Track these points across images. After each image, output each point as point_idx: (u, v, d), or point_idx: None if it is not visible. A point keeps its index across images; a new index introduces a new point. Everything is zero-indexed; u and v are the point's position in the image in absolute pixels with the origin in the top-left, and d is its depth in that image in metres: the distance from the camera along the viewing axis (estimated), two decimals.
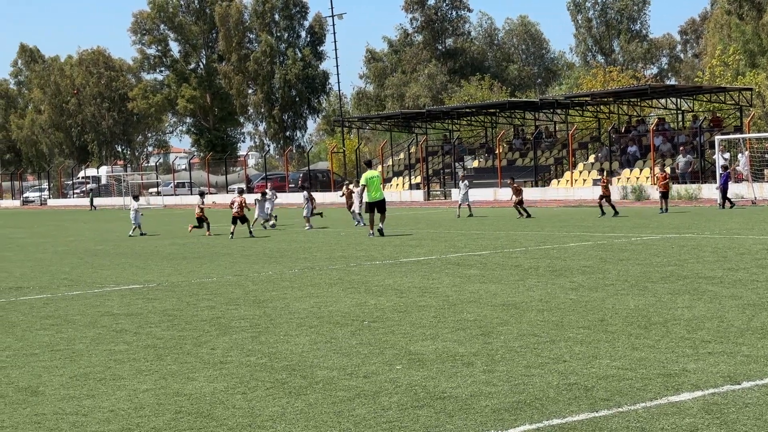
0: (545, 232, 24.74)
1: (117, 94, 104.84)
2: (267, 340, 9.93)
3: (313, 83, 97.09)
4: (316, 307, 12.13)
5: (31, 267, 19.87)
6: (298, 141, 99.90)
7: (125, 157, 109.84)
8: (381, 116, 69.79)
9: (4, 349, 10.05)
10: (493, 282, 14.04)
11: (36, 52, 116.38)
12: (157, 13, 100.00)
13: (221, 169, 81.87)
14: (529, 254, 18.37)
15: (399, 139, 74.07)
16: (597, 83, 68.35)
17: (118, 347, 9.87)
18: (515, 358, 8.50)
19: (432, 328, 10.20)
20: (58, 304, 13.46)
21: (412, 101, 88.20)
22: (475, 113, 63.14)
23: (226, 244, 24.52)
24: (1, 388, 8.21)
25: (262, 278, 15.93)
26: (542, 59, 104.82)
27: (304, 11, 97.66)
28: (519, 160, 57.87)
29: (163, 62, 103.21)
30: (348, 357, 8.87)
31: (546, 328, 9.91)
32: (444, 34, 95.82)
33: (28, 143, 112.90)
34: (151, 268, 18.69)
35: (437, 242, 22.47)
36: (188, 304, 12.96)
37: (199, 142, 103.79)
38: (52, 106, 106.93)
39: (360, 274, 15.87)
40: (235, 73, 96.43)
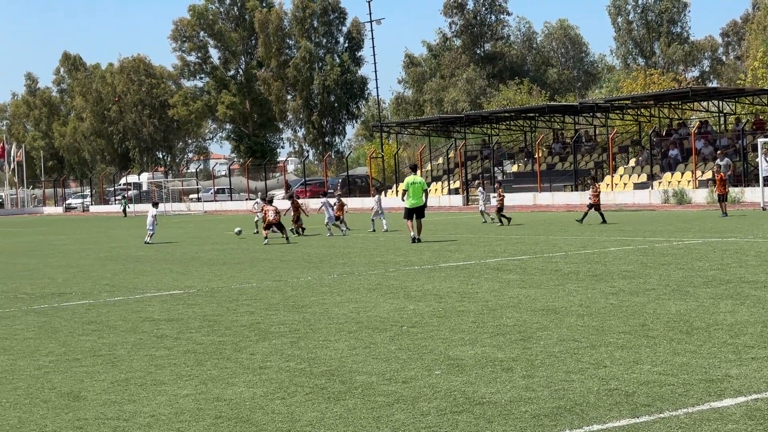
0: (585, 236, 24.59)
1: (158, 101, 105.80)
2: (306, 345, 9.95)
3: (352, 88, 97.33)
4: (355, 313, 12.13)
5: (74, 273, 20.07)
6: (336, 146, 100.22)
7: (166, 163, 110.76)
8: (419, 121, 69.76)
9: (47, 354, 10.16)
10: (533, 287, 13.97)
11: (78, 60, 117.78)
12: (197, 21, 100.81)
13: (261, 174, 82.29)
14: (568, 259, 18.26)
15: (437, 144, 74.00)
16: (637, 86, 67.87)
17: (158, 352, 9.93)
18: (555, 364, 8.45)
19: (471, 333, 10.17)
20: (100, 310, 13.58)
21: (450, 106, 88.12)
22: (514, 117, 62.93)
23: (265, 250, 24.62)
24: (44, 392, 8.30)
25: (301, 284, 15.97)
26: (582, 63, 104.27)
27: (342, 17, 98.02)
28: (558, 165, 57.58)
29: (203, 69, 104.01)
30: (387, 362, 8.86)
31: (586, 333, 9.84)
32: (483, 38, 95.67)
33: (70, 150, 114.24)
34: (192, 273, 18.81)
35: (476, 247, 22.41)
36: (228, 309, 13.02)
37: (239, 148, 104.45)
38: (94, 114, 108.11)
39: (399, 279, 15.86)
40: (275, 79, 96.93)
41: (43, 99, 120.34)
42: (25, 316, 13.33)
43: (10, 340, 11.22)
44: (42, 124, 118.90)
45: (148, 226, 30.03)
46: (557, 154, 59.21)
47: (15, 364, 9.67)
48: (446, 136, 69.67)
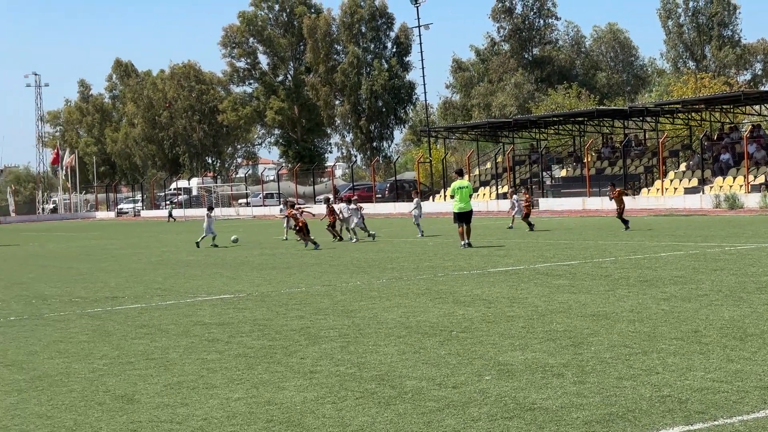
0: (635, 241, 24.38)
1: (207, 107, 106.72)
2: (356, 350, 9.99)
3: (400, 93, 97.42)
4: (404, 317, 12.15)
5: (126, 277, 20.31)
6: (384, 151, 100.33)
7: (215, 168, 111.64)
8: (467, 126, 69.63)
9: (101, 357, 10.30)
10: (583, 292, 13.89)
11: (130, 66, 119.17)
12: (246, 27, 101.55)
13: (309, 179, 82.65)
14: (619, 264, 18.12)
15: (485, 148, 73.81)
16: (688, 90, 67.16)
17: (210, 356, 10.02)
18: (606, 370, 8.40)
19: (521, 339, 10.14)
20: (152, 314, 13.74)
21: (498, 110, 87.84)
22: (563, 122, 62.58)
23: (315, 255, 24.73)
24: (98, 395, 8.42)
25: (350, 288, 16.02)
26: (631, 66, 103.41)
27: (390, 22, 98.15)
28: (608, 169, 57.16)
29: (252, 75, 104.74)
30: (437, 367, 8.87)
31: (638, 339, 9.76)
32: (531, 42, 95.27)
33: (122, 156, 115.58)
34: (242, 278, 18.95)
35: (525, 252, 22.32)
36: (278, 313, 13.10)
37: (287, 153, 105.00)
38: (145, 120, 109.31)
39: (447, 284, 15.85)
40: (323, 84, 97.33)
41: (96, 105, 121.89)
42: (80, 319, 13.53)
43: (65, 343, 11.39)
44: (94, 130, 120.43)
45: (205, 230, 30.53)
46: (606, 158, 58.77)
47: (70, 366, 9.82)
48: (494, 140, 69.47)
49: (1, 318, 14.07)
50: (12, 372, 9.68)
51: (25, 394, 8.63)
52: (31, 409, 8.02)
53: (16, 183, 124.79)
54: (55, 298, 16.62)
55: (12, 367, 9.97)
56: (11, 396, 8.56)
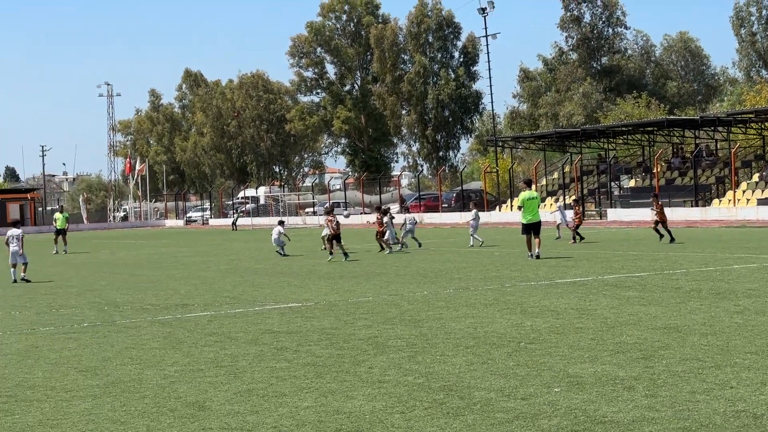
0: (706, 253, 24.01)
1: (275, 116, 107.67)
2: (424, 359, 9.98)
3: (466, 103, 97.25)
4: (472, 328, 12.12)
5: (196, 285, 20.56)
6: (450, 161, 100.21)
7: (282, 177, 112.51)
8: (534, 135, 69.23)
9: (172, 364, 10.44)
10: (653, 304, 13.71)
11: (199, 76, 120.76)
12: (314, 37, 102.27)
13: (375, 189, 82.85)
14: (690, 276, 17.86)
15: (553, 158, 73.32)
16: (761, 99, 65.99)
17: (279, 364, 10.10)
18: (678, 383, 8.28)
19: (590, 351, 10.04)
20: (222, 322, 13.89)
21: (566, 120, 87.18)
22: (632, 132, 61.88)
23: (381, 264, 24.76)
24: (170, 402, 8.53)
25: (417, 298, 16.03)
26: (702, 75, 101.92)
27: (457, 32, 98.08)
28: (678, 179, 56.39)
29: (319, 84, 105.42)
30: (505, 378, 8.83)
31: (710, 353, 9.61)
32: (600, 51, 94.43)
33: (191, 165, 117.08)
34: (309, 287, 19.06)
35: (593, 263, 22.11)
36: (346, 323, 13.15)
37: (354, 163, 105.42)
38: (213, 129, 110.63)
39: (515, 295, 15.77)
40: (389, 93, 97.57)
41: (166, 115, 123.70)
42: (151, 326, 13.73)
43: (137, 349, 11.57)
44: (164, 139, 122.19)
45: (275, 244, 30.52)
46: (676, 168, 57.99)
47: (142, 373, 9.97)
48: (561, 150, 68.96)
49: (75, 324, 14.34)
50: (86, 378, 9.86)
51: (99, 399, 8.78)
52: (105, 415, 8.16)
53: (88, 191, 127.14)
54: (127, 305, 16.89)
55: (86, 372, 10.16)
56: (86, 401, 8.72)
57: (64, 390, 9.25)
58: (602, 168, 62.11)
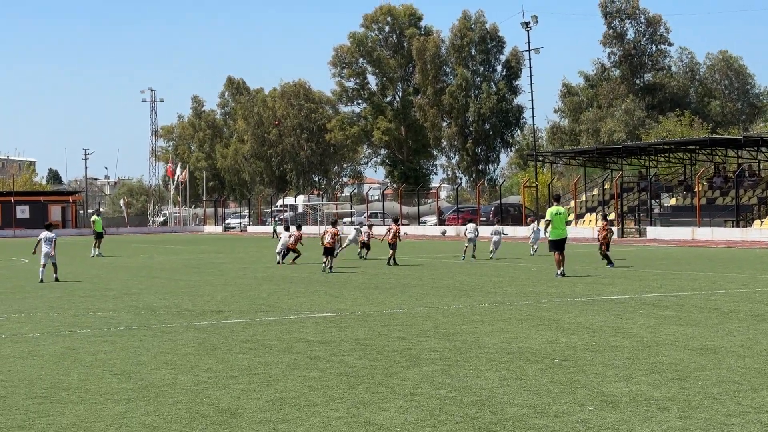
0: (747, 274, 23.75)
1: (315, 126, 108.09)
2: (457, 373, 9.96)
3: (507, 117, 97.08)
4: (506, 343, 12.07)
5: (232, 291, 20.65)
6: (490, 174, 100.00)
7: (321, 186, 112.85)
8: (575, 151, 68.87)
9: (206, 370, 10.49)
10: (690, 324, 13.58)
11: (242, 84, 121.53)
12: (356, 48, 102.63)
13: (413, 200, 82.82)
14: (729, 297, 17.67)
15: (593, 174, 72.91)
16: None
17: (312, 374, 10.12)
18: (714, 405, 8.19)
19: (625, 370, 9.96)
20: (256, 329, 13.93)
21: (607, 136, 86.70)
22: (674, 150, 61.39)
23: (418, 276, 24.74)
24: (203, 408, 8.57)
25: (452, 311, 15.99)
26: (747, 95, 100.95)
27: (500, 45, 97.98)
28: (719, 199, 55.84)
29: (360, 95, 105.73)
30: (538, 395, 8.78)
31: (747, 376, 9.50)
32: (642, 68, 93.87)
33: (231, 172, 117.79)
34: (344, 296, 19.08)
35: (631, 281, 21.94)
36: (380, 334, 13.15)
37: (393, 174, 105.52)
38: (254, 137, 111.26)
39: (551, 311, 15.69)
40: (430, 106, 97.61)
41: (208, 121, 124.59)
42: (186, 331, 13.81)
43: (172, 354, 11.64)
44: (206, 146, 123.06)
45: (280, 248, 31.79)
46: (718, 188, 57.43)
47: (176, 378, 10.03)
48: (602, 166, 68.57)
49: (112, 327, 14.46)
50: (120, 381, 9.93)
51: (133, 403, 8.84)
52: (138, 419, 8.21)
53: (129, 195, 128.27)
54: (163, 309, 17.01)
55: (121, 376, 10.23)
56: (119, 405, 8.79)
57: (99, 393, 9.33)
58: (643, 185, 61.66)
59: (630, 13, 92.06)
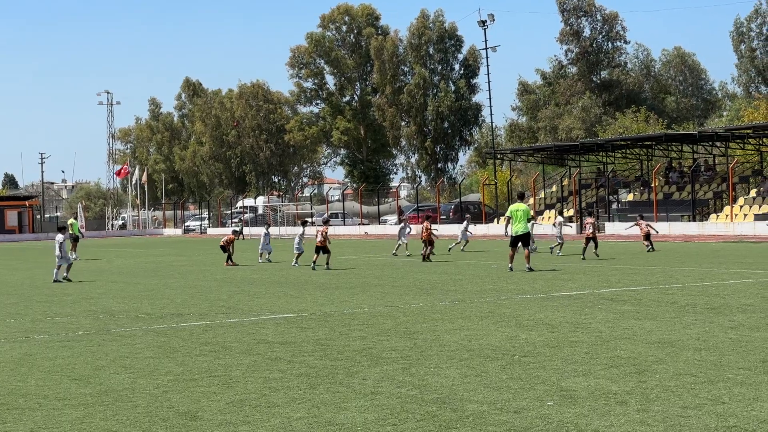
0: (703, 268, 24.03)
1: (274, 126, 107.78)
2: (417, 371, 9.98)
3: (466, 115, 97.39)
4: (467, 340, 12.11)
5: (192, 294, 20.55)
6: (449, 173, 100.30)
7: (281, 187, 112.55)
8: (533, 148, 69.33)
9: (165, 373, 10.43)
10: (648, 318, 13.72)
11: (198, 86, 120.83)
12: (314, 48, 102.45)
13: (374, 200, 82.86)
14: (686, 291, 17.87)
15: (551, 171, 73.40)
16: (759, 115, 66.13)
17: (272, 375, 10.10)
18: (671, 398, 8.29)
19: (584, 365, 10.05)
20: (216, 331, 13.88)
21: (565, 133, 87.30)
22: (630, 146, 61.98)
23: (378, 275, 24.77)
24: (162, 411, 8.53)
25: (412, 310, 16.02)
26: (701, 90, 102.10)
27: (458, 44, 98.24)
28: (675, 194, 56.44)
29: (318, 95, 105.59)
30: (498, 391, 8.83)
31: (704, 368, 9.62)
32: (599, 65, 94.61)
33: (190, 174, 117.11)
34: (305, 297, 19.06)
35: (590, 276, 22.12)
36: (340, 333, 13.15)
37: (353, 174, 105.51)
38: (212, 138, 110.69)
39: (511, 308, 15.77)
40: (389, 105, 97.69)
41: (165, 123, 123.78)
42: (146, 335, 13.72)
43: (131, 358, 11.56)
44: (164, 148, 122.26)
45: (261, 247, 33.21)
46: (674, 183, 58.04)
47: (135, 382, 9.96)
48: (560, 163, 69.06)
49: (70, 332, 14.33)
50: (79, 386, 9.85)
51: (91, 408, 8.77)
52: (96, 424, 8.15)
53: (87, 199, 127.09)
54: (122, 313, 16.88)
55: (79, 381, 10.15)
56: (78, 410, 8.71)
57: (57, 398, 9.25)
58: (600, 182, 62.19)
59: (587, 10, 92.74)
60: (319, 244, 27.97)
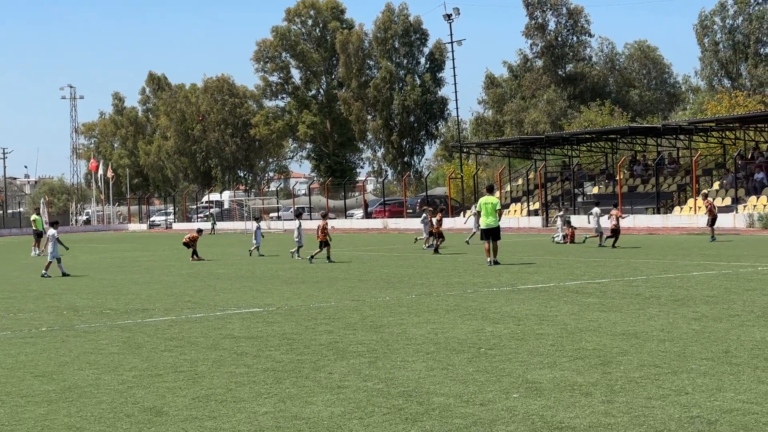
0: (667, 260, 24.22)
1: (240, 121, 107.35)
2: (384, 365, 9.98)
3: (432, 109, 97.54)
4: (433, 334, 12.13)
5: (157, 289, 20.42)
6: (415, 166, 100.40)
7: (247, 182, 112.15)
8: (499, 142, 69.57)
9: (130, 369, 10.36)
10: (613, 310, 13.81)
11: (163, 80, 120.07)
12: (279, 42, 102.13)
13: (340, 194, 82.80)
14: (650, 283, 18.01)
15: (517, 165, 73.67)
16: (722, 108, 66.74)
17: (238, 370, 10.05)
18: (635, 389, 8.34)
19: (550, 357, 10.09)
20: (182, 326, 13.80)
21: (530, 127, 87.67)
22: (595, 139, 62.38)
23: (345, 269, 24.75)
24: (127, 407, 8.46)
25: (379, 303, 16.02)
26: (665, 84, 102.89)
27: (424, 38, 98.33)
28: (640, 187, 56.85)
29: (284, 89, 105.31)
30: (464, 384, 8.85)
31: (668, 359, 9.69)
32: (564, 59, 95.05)
33: (154, 168, 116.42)
34: (271, 291, 19.00)
35: (555, 269, 22.23)
36: (307, 328, 13.12)
37: (319, 168, 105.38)
38: (177, 133, 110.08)
39: (477, 301, 15.81)
40: (355, 99, 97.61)
41: (130, 118, 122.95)
42: (110, 331, 13.62)
43: (95, 354, 11.47)
44: (128, 143, 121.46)
45: (254, 240, 33.42)
46: (639, 176, 58.48)
47: (100, 378, 9.88)
48: (526, 157, 69.37)
49: (33, 329, 14.19)
50: (42, 383, 9.76)
51: (55, 405, 8.69)
52: (60, 420, 8.07)
53: (50, 194, 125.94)
54: (87, 309, 16.75)
55: (42, 377, 10.05)
56: (41, 407, 8.63)
57: (20, 395, 9.15)
58: (566, 175, 62.51)
59: (551, 4, 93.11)
60: (320, 238, 28.28)
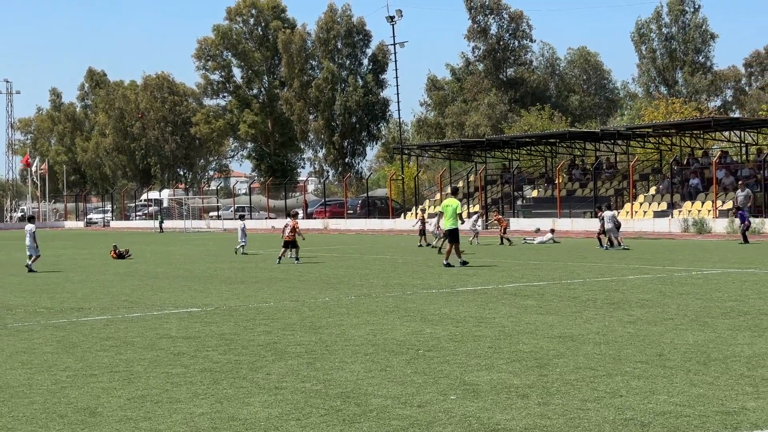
0: (604, 264, 24.52)
1: (180, 119, 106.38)
2: (322, 366, 9.97)
3: (374, 110, 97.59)
4: (372, 335, 12.14)
5: (93, 288, 20.16)
6: (357, 167, 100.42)
7: (187, 180, 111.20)
8: (440, 144, 69.88)
9: (64, 369, 10.21)
10: (550, 313, 13.94)
11: (102, 76, 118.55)
12: (221, 40, 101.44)
13: (281, 194, 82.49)
14: (587, 286, 18.22)
15: (458, 167, 74.07)
16: (659, 115, 67.76)
17: (175, 370, 9.96)
18: (571, 392, 8.43)
19: (487, 359, 10.16)
20: (118, 326, 13.64)
21: (471, 130, 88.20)
22: (535, 143, 62.96)
23: (284, 269, 24.67)
24: (60, 407, 8.34)
25: (318, 304, 16.00)
26: (603, 90, 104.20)
27: (367, 39, 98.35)
28: (578, 191, 57.49)
29: (225, 88, 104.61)
30: (402, 386, 8.87)
31: (603, 362, 9.81)
32: (506, 63, 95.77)
33: (92, 166, 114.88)
34: (210, 291, 18.87)
35: (494, 271, 22.39)
36: (245, 328, 13.05)
37: (260, 167, 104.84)
38: (116, 130, 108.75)
39: (416, 302, 15.86)
40: (297, 99, 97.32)
41: (67, 114, 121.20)
42: (44, 330, 13.41)
43: (28, 354, 11.29)
44: (66, 139, 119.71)
45: (239, 239, 32.72)
46: (577, 180, 59.14)
47: (32, 378, 9.73)
48: (467, 159, 69.76)
49: None
50: None
51: None
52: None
53: None
54: (20, 308, 16.47)
55: None
56: None
57: None
58: (506, 178, 62.99)
59: (493, 8, 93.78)
60: (287, 238, 27.54)
